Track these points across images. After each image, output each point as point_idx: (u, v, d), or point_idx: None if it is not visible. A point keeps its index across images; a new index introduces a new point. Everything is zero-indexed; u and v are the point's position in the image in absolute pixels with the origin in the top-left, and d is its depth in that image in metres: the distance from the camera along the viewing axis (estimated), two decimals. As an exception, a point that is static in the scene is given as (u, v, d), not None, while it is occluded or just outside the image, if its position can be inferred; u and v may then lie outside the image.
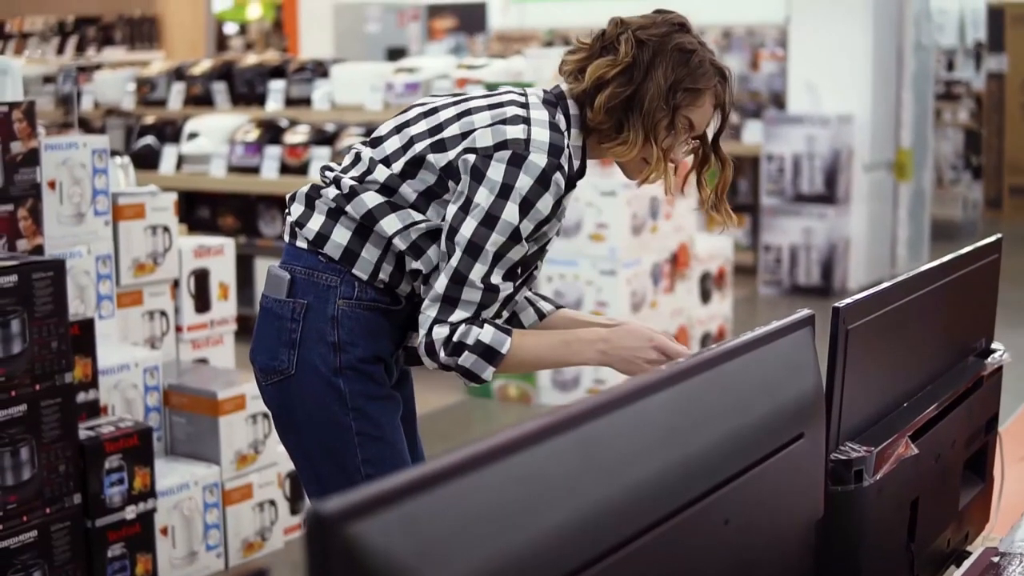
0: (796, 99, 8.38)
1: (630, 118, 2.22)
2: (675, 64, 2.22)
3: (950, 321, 2.11)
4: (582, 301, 5.34)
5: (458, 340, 2.19)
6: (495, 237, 2.16)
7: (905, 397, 1.92)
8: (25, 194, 3.27)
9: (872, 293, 1.75)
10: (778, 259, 8.36)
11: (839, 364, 1.68)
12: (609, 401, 1.22)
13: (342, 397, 2.27)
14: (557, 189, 2.18)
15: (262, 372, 2.34)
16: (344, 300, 2.27)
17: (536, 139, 2.19)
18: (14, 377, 2.88)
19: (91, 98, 7.62)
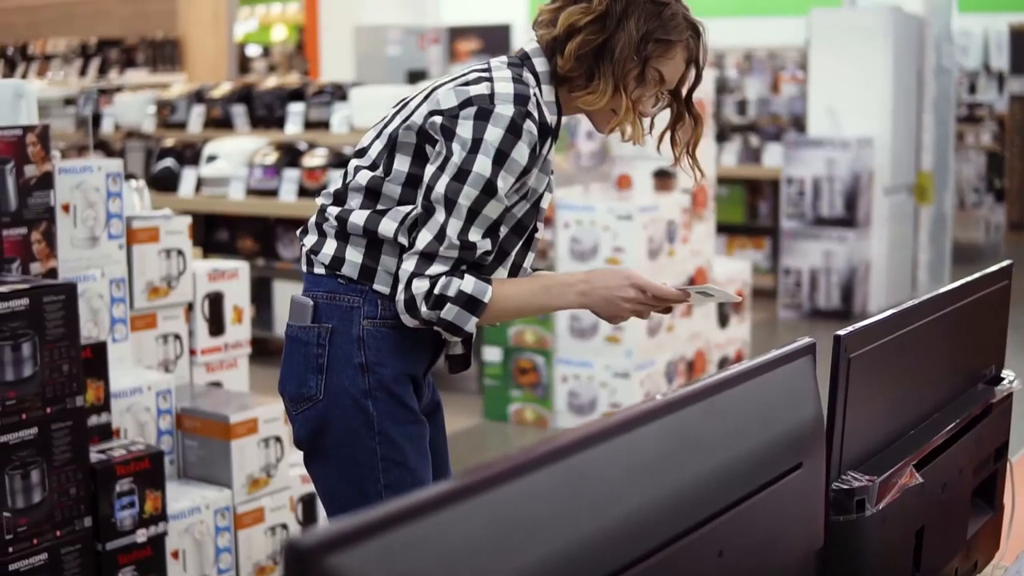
0: (816, 122, 8.37)
1: (600, 67, 2.23)
2: (648, 15, 2.23)
3: (958, 348, 2.10)
4: (598, 326, 5.34)
5: (439, 293, 2.20)
6: (467, 190, 2.16)
7: (911, 425, 1.91)
8: (39, 217, 3.28)
9: (874, 321, 1.74)
10: (798, 282, 8.34)
11: (840, 393, 1.67)
12: (600, 431, 1.21)
13: (369, 420, 2.28)
14: (530, 137, 2.17)
15: (292, 401, 2.35)
16: (368, 320, 2.28)
17: (500, 92, 2.20)
18: (25, 400, 2.88)
19: (112, 120, 7.66)
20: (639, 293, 2.27)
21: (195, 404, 3.67)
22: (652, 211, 5.34)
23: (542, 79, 2.28)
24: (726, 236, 9.37)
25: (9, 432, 2.86)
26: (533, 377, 5.55)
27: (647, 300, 2.28)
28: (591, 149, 5.61)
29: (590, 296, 2.28)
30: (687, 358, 5.69)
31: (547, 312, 2.34)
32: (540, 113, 2.22)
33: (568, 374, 5.46)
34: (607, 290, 2.27)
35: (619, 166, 5.75)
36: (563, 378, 5.48)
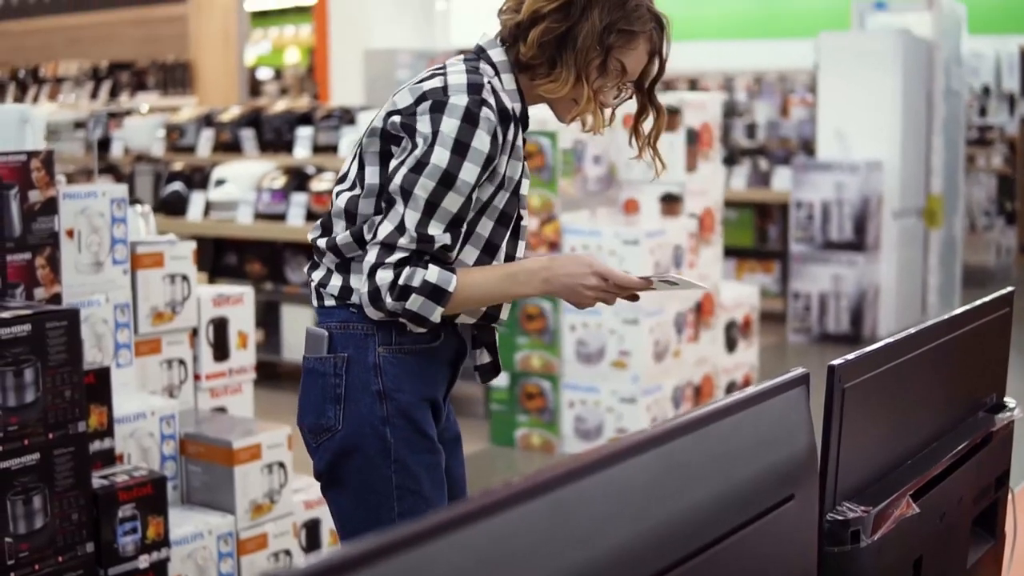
0: (825, 146, 8.37)
1: (563, 55, 2.25)
2: (612, 5, 2.25)
3: (957, 376, 2.09)
4: (604, 351, 5.33)
5: (404, 283, 2.21)
6: (423, 181, 2.18)
7: (908, 455, 1.90)
8: (43, 243, 3.29)
9: (869, 351, 1.73)
10: (807, 306, 8.32)
11: (835, 423, 1.66)
12: (584, 465, 1.20)
13: (387, 448, 2.29)
14: (488, 124, 2.18)
15: (311, 433, 2.35)
16: (384, 347, 2.29)
17: (453, 84, 2.22)
18: (27, 426, 2.89)
19: (121, 144, 7.69)
20: (601, 281, 2.28)
21: (199, 429, 3.67)
22: (659, 236, 5.33)
23: (500, 68, 2.30)
24: (735, 260, 9.36)
25: (11, 458, 2.87)
26: (540, 402, 5.54)
27: (609, 288, 2.29)
28: (598, 174, 5.61)
29: (553, 283, 2.29)
30: (694, 383, 5.68)
31: (512, 299, 2.34)
32: (498, 99, 2.23)
33: (575, 399, 5.45)
34: (569, 277, 2.28)
35: (626, 190, 5.75)
36: (570, 403, 5.47)
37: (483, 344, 2.46)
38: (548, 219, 5.41)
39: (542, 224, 5.41)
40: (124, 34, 12.27)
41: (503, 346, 5.57)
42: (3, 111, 3.46)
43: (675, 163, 5.63)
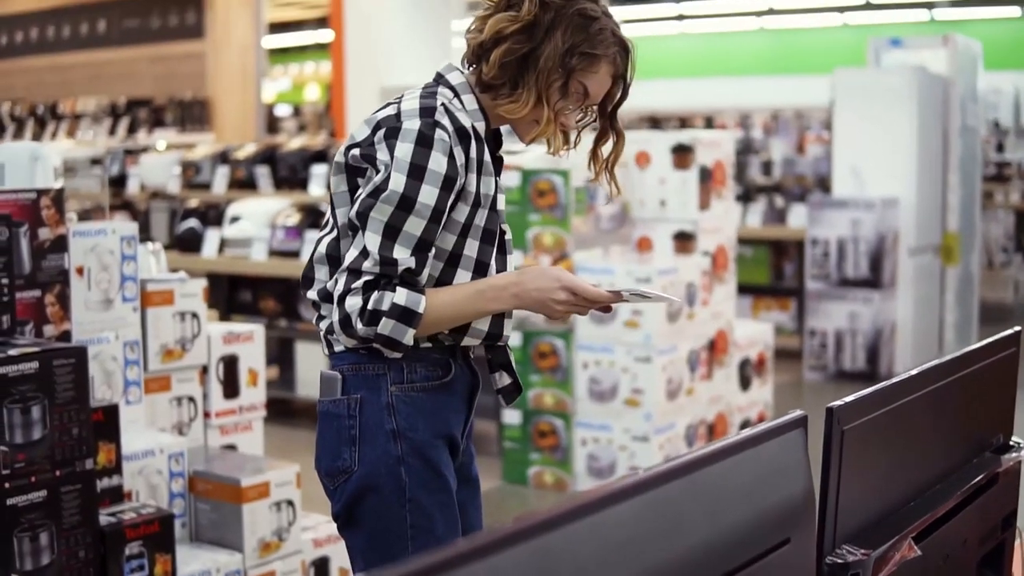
0: (841, 183, 8.35)
1: (525, 76, 2.26)
2: (575, 28, 2.26)
3: (962, 417, 2.07)
4: (617, 388, 5.32)
5: (373, 308, 2.21)
6: (380, 206, 2.19)
7: (910, 497, 1.88)
8: (52, 280, 3.30)
9: (869, 393, 1.72)
10: (823, 344, 8.29)
11: (834, 466, 1.65)
12: (574, 509, 1.20)
13: (401, 487, 2.29)
14: (443, 144, 2.19)
15: (328, 476, 2.36)
16: (396, 386, 2.29)
17: (405, 109, 2.23)
18: (34, 463, 2.89)
19: (137, 180, 7.73)
20: (570, 295, 2.28)
21: (208, 467, 3.66)
22: (671, 274, 5.32)
23: (460, 90, 2.32)
24: (751, 297, 9.34)
25: (18, 494, 2.87)
26: (552, 440, 5.53)
27: (579, 301, 2.29)
28: (611, 212, 5.62)
29: (523, 298, 2.29)
30: (708, 421, 5.65)
31: (484, 316, 2.33)
32: (453, 119, 2.24)
33: (587, 437, 5.43)
34: (539, 292, 2.28)
35: (639, 228, 5.75)
36: (582, 441, 5.45)
37: (500, 367, 2.46)
38: (560, 257, 5.40)
39: (555, 262, 5.41)
40: (142, 71, 12.36)
41: (516, 383, 5.56)
42: (14, 149, 3.48)
43: (688, 201, 5.63)
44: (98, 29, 13.03)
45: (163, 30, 12.39)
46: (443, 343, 2.34)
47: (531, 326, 5.50)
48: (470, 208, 2.27)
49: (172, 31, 12.30)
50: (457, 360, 2.37)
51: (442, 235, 2.27)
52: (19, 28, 13.91)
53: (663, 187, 5.69)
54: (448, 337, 2.34)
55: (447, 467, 2.34)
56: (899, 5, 18.86)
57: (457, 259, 2.30)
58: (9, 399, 2.83)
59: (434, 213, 2.21)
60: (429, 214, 2.20)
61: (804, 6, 19.37)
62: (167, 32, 12.35)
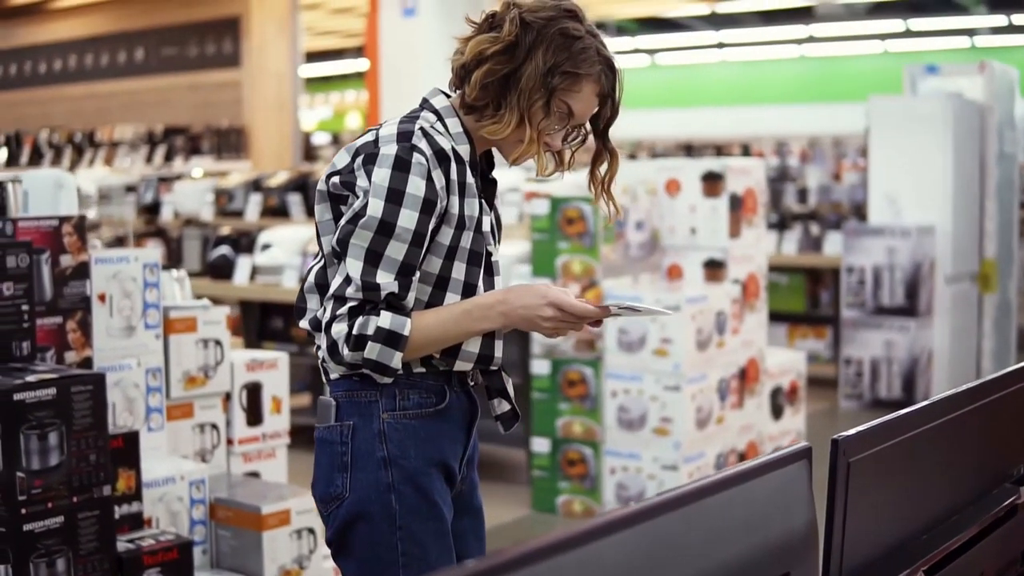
0: (877, 210, 8.29)
1: (507, 97, 2.25)
2: (557, 47, 2.24)
3: (979, 448, 2.04)
4: (646, 416, 5.28)
5: (358, 333, 2.20)
6: (360, 232, 2.19)
7: (922, 529, 1.85)
8: (74, 307, 3.32)
9: (876, 425, 1.69)
10: (859, 372, 8.22)
11: (839, 498, 1.62)
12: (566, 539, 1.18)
13: (392, 515, 2.27)
14: (421, 168, 2.19)
15: (322, 502, 2.35)
16: (388, 413, 2.28)
17: (383, 135, 2.24)
18: (51, 489, 2.89)
19: (171, 208, 7.77)
20: (557, 311, 2.26)
21: (231, 494, 3.66)
22: (700, 302, 5.29)
23: (443, 113, 2.32)
24: (787, 325, 9.29)
25: (35, 520, 2.87)
26: (581, 469, 5.49)
27: (566, 318, 2.27)
28: (640, 240, 5.59)
29: (510, 316, 2.27)
30: (739, 450, 5.61)
31: (472, 336, 2.31)
32: (431, 142, 2.23)
33: (616, 466, 5.40)
34: (526, 309, 2.26)
35: (669, 256, 5.72)
36: (611, 470, 5.41)
37: (497, 393, 2.44)
38: (589, 285, 5.38)
39: (584, 290, 5.39)
40: (180, 99, 12.46)
41: (544, 411, 5.54)
42: (39, 176, 3.49)
43: (718, 229, 5.60)
44: (136, 57, 13.15)
45: (200, 58, 12.48)
46: (437, 368, 2.32)
47: (560, 354, 5.48)
48: (454, 230, 2.27)
49: (209, 59, 12.39)
50: (453, 387, 2.35)
51: (428, 259, 2.27)
52: (58, 56, 14.06)
53: (693, 215, 5.66)
54: (441, 362, 2.32)
55: (441, 495, 2.32)
56: (939, 32, 18.79)
57: (445, 282, 2.29)
58: (26, 425, 2.83)
59: (415, 237, 2.20)
60: (410, 238, 2.20)
61: (845, 34, 19.32)
62: (204, 60, 12.44)
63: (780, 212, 9.47)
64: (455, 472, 2.37)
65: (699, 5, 16.98)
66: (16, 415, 2.81)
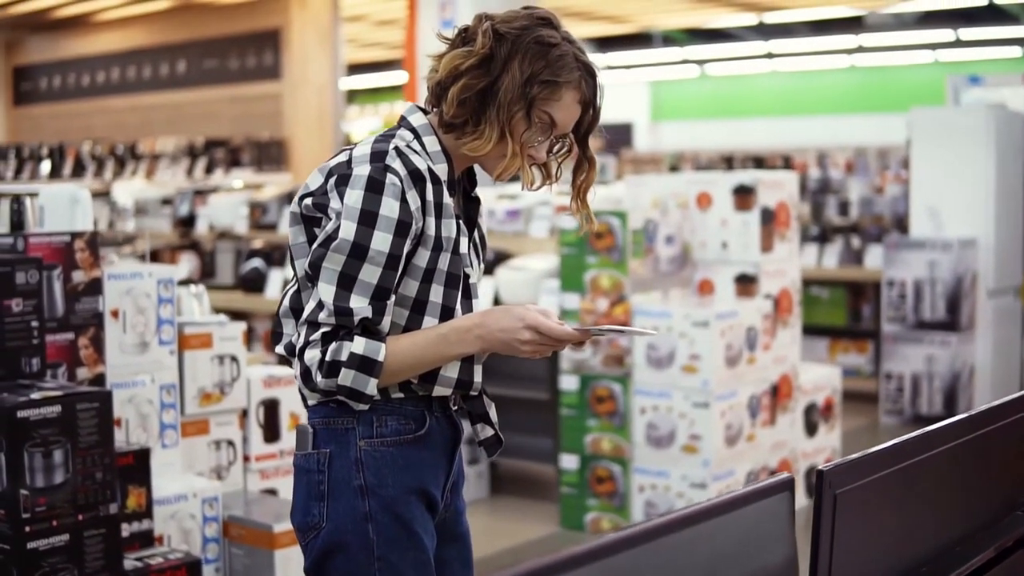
0: (918, 223, 8.18)
1: (486, 111, 2.19)
2: (533, 56, 2.18)
3: (984, 476, 1.97)
4: (675, 434, 5.22)
5: (331, 359, 2.15)
6: (332, 255, 2.14)
7: (921, 562, 1.79)
8: (86, 323, 3.30)
9: (865, 456, 1.64)
10: (900, 388, 8.11)
11: (825, 531, 1.56)
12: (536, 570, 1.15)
13: (369, 546, 2.22)
14: (395, 188, 2.13)
15: (299, 531, 2.31)
16: (364, 440, 2.24)
17: (356, 155, 2.19)
18: (55, 507, 2.87)
19: (206, 221, 7.78)
20: (535, 335, 2.20)
21: (247, 511, 3.63)
22: (731, 317, 5.22)
23: (421, 131, 2.26)
24: (828, 339, 9.19)
25: (39, 538, 2.85)
26: (610, 486, 5.43)
27: (544, 341, 2.21)
28: (671, 254, 5.53)
29: (487, 340, 2.22)
30: (770, 468, 5.53)
31: (449, 360, 2.25)
32: (406, 161, 2.18)
33: (645, 484, 5.33)
34: (503, 332, 2.21)
35: (701, 271, 5.65)
36: (640, 488, 5.35)
37: (479, 418, 2.39)
38: (618, 300, 5.33)
39: (612, 305, 5.33)
40: (221, 111, 12.50)
41: (573, 428, 5.49)
42: (55, 191, 3.48)
43: (749, 243, 5.53)
44: (178, 70, 13.22)
45: (241, 71, 12.53)
46: (416, 393, 2.27)
47: (588, 370, 5.43)
48: (431, 252, 2.21)
49: (250, 72, 12.43)
50: (434, 412, 2.30)
51: (405, 281, 2.22)
52: (101, 69, 14.16)
53: (725, 229, 5.59)
54: (420, 387, 2.27)
55: (421, 524, 2.27)
56: (990, 42, 18.57)
57: (423, 305, 2.24)
58: (30, 443, 2.81)
59: (389, 260, 2.15)
60: (384, 261, 2.15)
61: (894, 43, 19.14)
62: (245, 73, 12.49)
63: (821, 225, 9.36)
64: (437, 499, 2.32)
65: (747, 15, 16.88)
66: (20, 433, 2.79)
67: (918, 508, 1.77)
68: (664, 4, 15.52)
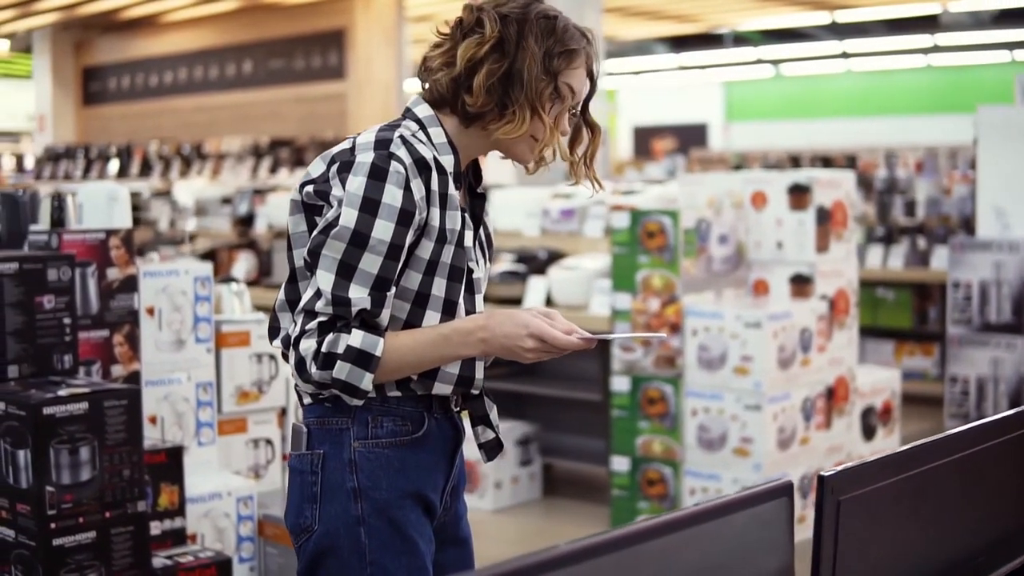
0: (985, 223, 8.01)
1: (512, 94, 2.17)
2: (543, 31, 2.19)
3: (1007, 487, 1.90)
4: (727, 436, 5.14)
5: (327, 351, 2.10)
6: (332, 243, 2.09)
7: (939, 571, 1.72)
8: (121, 320, 3.30)
9: (872, 461, 1.58)
10: (965, 391, 7.95)
11: (827, 540, 1.50)
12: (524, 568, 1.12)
13: (361, 551, 2.18)
14: (399, 176, 2.09)
15: (292, 534, 2.27)
16: (359, 441, 2.19)
17: (360, 143, 2.15)
18: (82, 504, 2.86)
19: (265, 220, 7.80)
20: (538, 343, 2.15)
21: (280, 510, 3.61)
22: (784, 319, 5.13)
23: (427, 123, 2.23)
24: (894, 342, 9.05)
25: (65, 535, 2.84)
26: (661, 489, 5.37)
27: (549, 349, 2.16)
28: (724, 254, 5.45)
29: (491, 344, 2.17)
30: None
31: (449, 362, 2.21)
32: (411, 150, 2.14)
33: (696, 486, 5.26)
34: (507, 338, 2.15)
35: (756, 271, 5.56)
36: (691, 491, 5.28)
37: (480, 420, 2.34)
38: (669, 300, 5.26)
39: (663, 306, 5.26)
40: (286, 111, 12.57)
41: (624, 429, 5.42)
42: (93, 189, 3.49)
43: (805, 243, 5.44)
44: (244, 70, 13.31)
45: (306, 71, 12.59)
46: (415, 392, 2.22)
47: (640, 371, 5.36)
48: (435, 244, 2.17)
49: (315, 72, 12.48)
50: (434, 413, 2.25)
51: (408, 274, 2.17)
52: (168, 69, 14.29)
53: (780, 228, 5.50)
54: (419, 385, 2.22)
55: (417, 528, 2.22)
56: (1068, 40, 18.25)
57: (425, 299, 2.19)
58: (56, 439, 2.81)
59: (391, 249, 2.11)
60: (385, 250, 2.10)
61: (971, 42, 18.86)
62: (310, 73, 12.54)
63: (887, 225, 9.22)
64: (435, 503, 2.27)
65: (819, 13, 16.71)
66: (46, 429, 2.79)
67: (928, 519, 1.70)
68: (733, 3, 15.40)
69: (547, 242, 6.38)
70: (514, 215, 6.61)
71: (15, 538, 2.86)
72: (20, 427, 2.81)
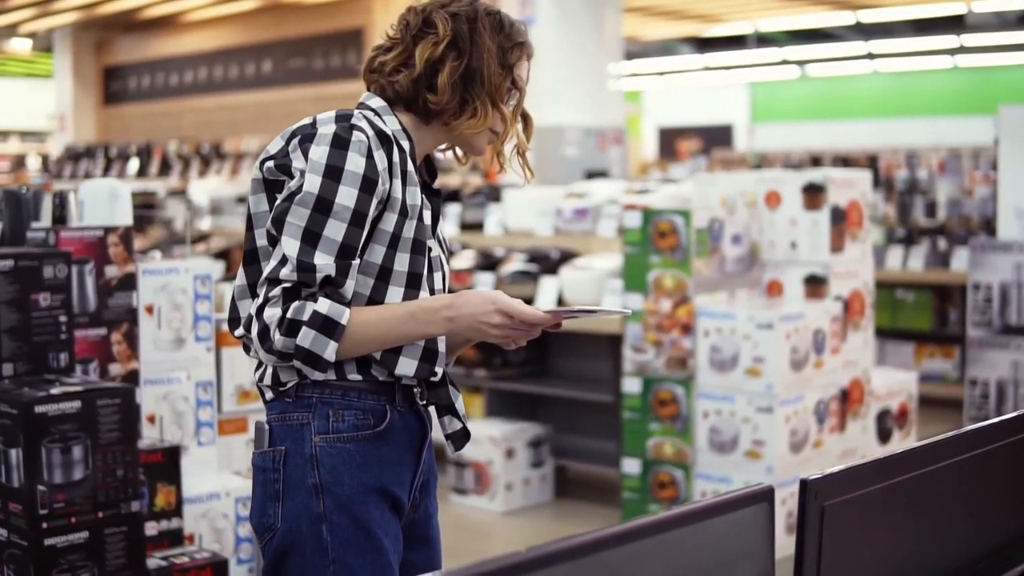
0: (1006, 225, 7.93)
1: (472, 90, 2.21)
2: (492, 27, 2.25)
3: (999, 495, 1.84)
4: (738, 439, 5.08)
5: (292, 317, 2.07)
6: (296, 209, 2.08)
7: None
8: (120, 318, 3.27)
9: (857, 466, 1.52)
10: (984, 394, 7.86)
11: (810, 547, 1.45)
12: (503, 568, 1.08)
13: (323, 548, 2.14)
14: (360, 145, 2.09)
15: (257, 533, 2.24)
16: (320, 436, 2.16)
17: (321, 118, 2.16)
18: (74, 503, 2.83)
19: (280, 219, 7.76)
20: (506, 318, 2.13)
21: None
22: (797, 320, 5.07)
23: (381, 111, 2.23)
24: (914, 344, 8.97)
25: (57, 535, 2.81)
26: (672, 491, 5.31)
27: (516, 325, 2.14)
28: (737, 254, 5.39)
29: (457, 322, 2.14)
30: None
31: (415, 340, 2.16)
32: (372, 124, 2.15)
33: (708, 489, 5.20)
34: (472, 316, 2.14)
35: (769, 271, 5.51)
36: (703, 493, 5.22)
37: (446, 410, 2.30)
38: (681, 301, 5.20)
39: (675, 306, 5.21)
40: (306, 110, 12.46)
41: (635, 431, 5.37)
42: (94, 187, 3.46)
43: (819, 243, 5.38)
44: (264, 69, 13.30)
45: (325, 70, 12.57)
46: (376, 378, 2.18)
47: (651, 372, 5.31)
48: (397, 217, 2.16)
49: (334, 71, 12.46)
50: (397, 406, 2.21)
51: (371, 247, 2.15)
52: (189, 68, 14.30)
53: (794, 228, 5.44)
54: (381, 368, 2.18)
55: (382, 525, 2.18)
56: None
57: (388, 273, 2.17)
58: (48, 438, 2.78)
59: (355, 216, 2.09)
60: (349, 216, 2.09)
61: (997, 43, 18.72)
62: (329, 72, 12.53)
63: (908, 226, 9.14)
64: (402, 499, 2.23)
65: (843, 13, 16.61)
66: (37, 428, 2.76)
67: (922, 526, 1.65)
68: (756, 1, 15.32)
69: (560, 242, 6.33)
70: (527, 214, 6.57)
71: (7, 537, 2.83)
72: (12, 425, 2.78)
